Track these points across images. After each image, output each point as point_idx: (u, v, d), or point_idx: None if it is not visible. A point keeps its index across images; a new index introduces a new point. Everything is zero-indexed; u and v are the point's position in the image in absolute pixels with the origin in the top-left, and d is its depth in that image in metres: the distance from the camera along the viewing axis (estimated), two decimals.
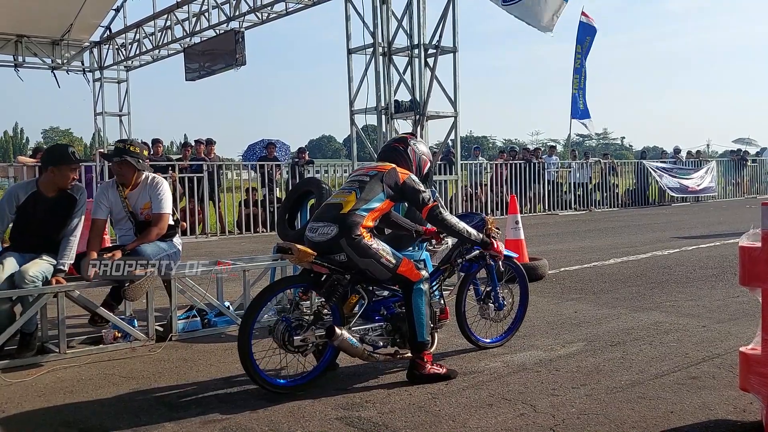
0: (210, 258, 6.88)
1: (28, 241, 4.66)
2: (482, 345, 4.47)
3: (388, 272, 3.76)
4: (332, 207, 3.83)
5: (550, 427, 3.13)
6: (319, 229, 3.77)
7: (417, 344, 3.80)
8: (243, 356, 3.56)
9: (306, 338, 3.65)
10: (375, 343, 3.85)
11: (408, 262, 3.84)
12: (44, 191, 4.69)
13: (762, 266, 2.89)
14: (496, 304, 4.45)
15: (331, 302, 3.75)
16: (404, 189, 3.89)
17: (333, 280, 3.72)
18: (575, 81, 20.68)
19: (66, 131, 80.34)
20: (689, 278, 7.04)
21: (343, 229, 3.68)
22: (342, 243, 3.67)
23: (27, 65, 11.99)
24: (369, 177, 3.89)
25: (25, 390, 3.88)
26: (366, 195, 3.80)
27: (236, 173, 15.35)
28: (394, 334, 3.90)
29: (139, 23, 11.22)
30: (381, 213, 3.88)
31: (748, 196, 22.51)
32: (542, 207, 17.67)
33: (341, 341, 3.61)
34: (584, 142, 72.20)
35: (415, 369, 3.81)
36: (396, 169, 3.95)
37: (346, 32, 7.21)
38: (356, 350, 3.69)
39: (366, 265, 3.72)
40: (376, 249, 3.71)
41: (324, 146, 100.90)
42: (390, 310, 3.97)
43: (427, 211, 3.89)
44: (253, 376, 3.59)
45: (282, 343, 3.64)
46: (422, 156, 4.19)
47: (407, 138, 4.25)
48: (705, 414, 3.23)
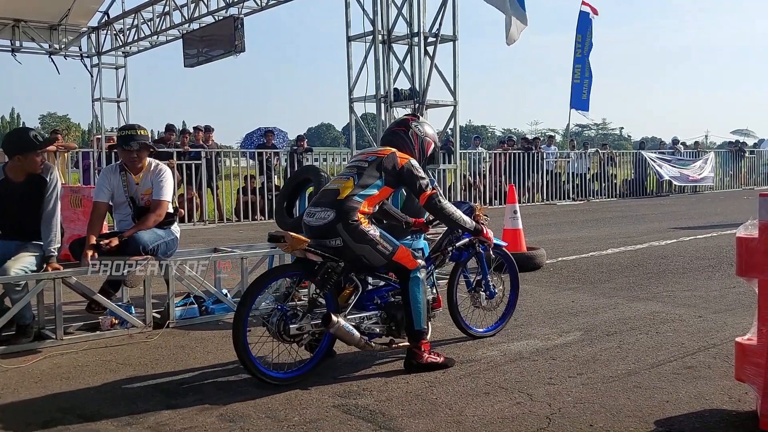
0: (208, 245, 6.88)
1: (12, 228, 4.60)
2: (475, 335, 4.45)
3: (384, 259, 3.76)
4: (330, 192, 3.81)
5: (547, 415, 3.14)
6: (316, 213, 3.76)
7: (414, 333, 3.80)
8: (238, 346, 3.53)
9: (302, 327, 3.61)
10: (371, 331, 3.83)
11: (405, 249, 3.84)
12: (12, 177, 4.56)
13: (759, 257, 2.90)
14: (488, 293, 4.41)
15: (326, 291, 3.72)
16: (402, 174, 3.86)
17: (327, 268, 3.66)
18: (576, 71, 20.60)
19: (63, 117, 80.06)
20: (686, 269, 7.05)
21: (340, 213, 3.67)
22: (338, 227, 3.66)
23: (24, 50, 11.91)
24: (367, 163, 3.86)
25: (21, 376, 3.88)
26: (364, 181, 3.78)
27: (234, 161, 15.30)
28: (389, 322, 3.89)
29: (138, 9, 11.14)
30: (379, 199, 3.86)
31: (745, 187, 22.52)
32: (540, 197, 17.66)
33: (338, 329, 3.58)
34: (583, 132, 72.08)
35: (412, 358, 3.81)
36: (395, 154, 3.91)
37: (345, 20, 7.17)
38: (353, 338, 3.65)
39: (361, 251, 3.71)
40: (373, 235, 3.71)
41: (323, 134, 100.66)
42: (384, 299, 3.96)
43: (425, 198, 3.85)
44: (249, 367, 3.55)
45: (277, 333, 3.59)
46: (425, 138, 4.12)
47: (408, 120, 4.18)
48: (700, 404, 3.24)
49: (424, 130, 4.14)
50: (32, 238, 4.61)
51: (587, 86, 20.65)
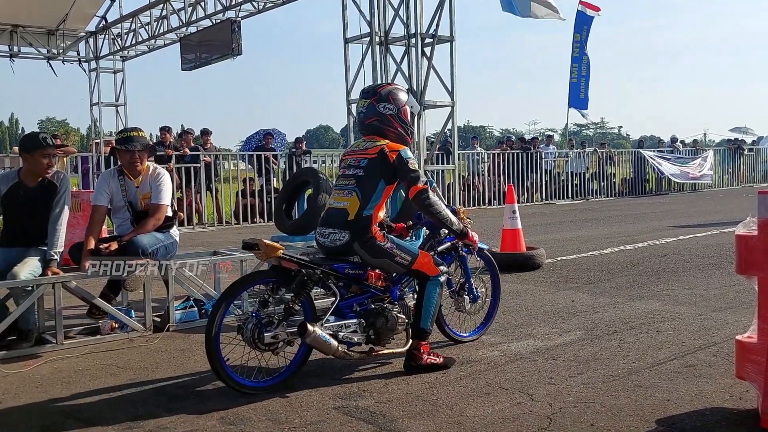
0: (207, 248, 6.88)
1: (15, 234, 4.65)
2: (459, 339, 4.38)
3: (404, 269, 3.83)
4: (339, 212, 3.79)
5: (547, 415, 3.14)
6: (330, 235, 3.79)
7: (419, 330, 3.82)
8: (210, 355, 3.45)
9: (277, 335, 3.52)
10: (349, 339, 3.71)
11: (426, 255, 3.89)
12: (26, 181, 4.68)
13: (758, 255, 2.90)
14: (471, 296, 4.36)
15: (302, 298, 3.63)
16: (396, 167, 3.77)
17: (303, 276, 3.61)
18: (574, 70, 20.61)
19: (62, 122, 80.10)
20: (686, 267, 7.05)
21: (355, 234, 3.71)
22: (355, 247, 3.73)
23: (22, 55, 11.91)
24: (362, 170, 3.80)
25: (22, 381, 3.88)
26: (367, 193, 3.76)
27: (233, 163, 15.30)
28: (368, 330, 3.77)
29: (135, 13, 11.14)
30: (386, 198, 3.88)
31: (744, 184, 22.52)
32: (539, 196, 17.66)
33: (314, 339, 3.48)
34: (581, 132, 72.11)
35: (412, 360, 3.81)
36: (384, 150, 3.78)
37: (342, 21, 7.17)
38: (329, 347, 3.54)
39: (380, 264, 3.80)
40: (390, 248, 3.76)
41: (321, 136, 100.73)
42: (363, 306, 3.84)
43: (414, 191, 3.78)
44: (222, 376, 3.47)
45: (252, 341, 3.51)
46: (401, 109, 3.90)
47: (375, 105, 3.89)
48: (701, 402, 3.24)
49: (396, 102, 3.90)
50: (37, 243, 4.64)
51: (585, 85, 20.66)
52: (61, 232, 4.65)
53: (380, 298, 3.88)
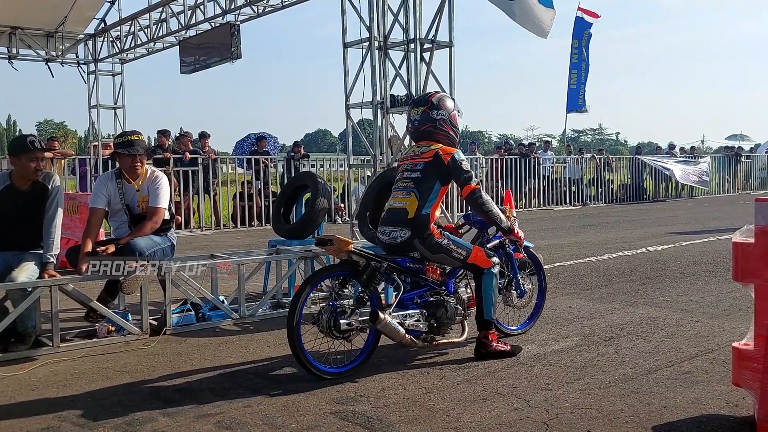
0: (205, 252, 6.87)
1: (9, 237, 4.62)
2: (508, 332, 4.62)
3: (459, 263, 4.11)
4: (399, 211, 4.07)
5: (544, 421, 3.14)
6: (391, 233, 4.07)
7: (484, 322, 4.11)
8: (293, 344, 3.71)
9: (351, 323, 3.78)
10: (414, 328, 4.00)
11: (479, 250, 4.17)
12: (17, 184, 4.67)
13: (755, 262, 2.90)
14: (518, 291, 4.60)
15: (371, 290, 3.89)
16: (450, 169, 4.06)
17: (372, 269, 3.88)
18: (573, 76, 20.68)
19: (60, 124, 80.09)
20: (683, 273, 7.06)
21: (415, 231, 4.00)
22: (415, 243, 4.00)
23: (21, 57, 11.91)
24: (419, 173, 4.07)
25: (18, 383, 3.87)
26: (425, 193, 4.04)
27: (231, 167, 15.30)
28: (429, 319, 4.05)
29: (134, 16, 11.14)
30: (442, 197, 4.13)
31: (741, 191, 22.58)
32: (537, 202, 17.69)
33: (384, 325, 3.78)
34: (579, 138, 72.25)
35: (482, 347, 4.10)
36: (439, 153, 4.07)
37: (342, 26, 7.17)
38: (398, 334, 3.86)
39: (438, 260, 4.07)
40: (446, 244, 4.03)
41: (319, 140, 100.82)
42: (423, 298, 4.11)
43: (468, 190, 4.06)
44: (305, 362, 3.73)
45: (327, 329, 3.76)
46: (450, 117, 4.22)
47: (428, 113, 4.20)
48: (698, 409, 3.24)
49: (446, 108, 4.23)
50: (32, 246, 4.63)
51: (583, 91, 20.73)
52: (56, 234, 4.65)
53: (437, 291, 4.14)
